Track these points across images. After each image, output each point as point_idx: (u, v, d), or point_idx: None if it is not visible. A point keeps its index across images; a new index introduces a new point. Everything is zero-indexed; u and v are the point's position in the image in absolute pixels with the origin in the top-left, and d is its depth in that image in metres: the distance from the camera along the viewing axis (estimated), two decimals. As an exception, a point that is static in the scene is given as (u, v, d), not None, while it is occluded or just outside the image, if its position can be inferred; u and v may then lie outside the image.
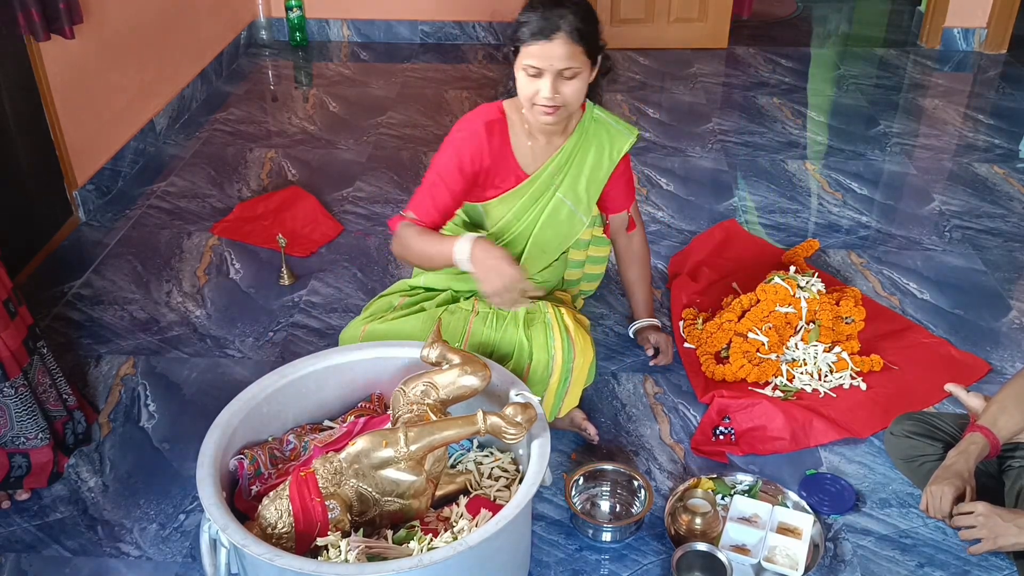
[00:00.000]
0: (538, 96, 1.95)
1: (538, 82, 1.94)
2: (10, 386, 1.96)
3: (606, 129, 2.19)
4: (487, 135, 2.06)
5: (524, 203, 2.15)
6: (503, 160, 2.10)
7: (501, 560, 1.70)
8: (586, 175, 2.17)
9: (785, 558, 1.89)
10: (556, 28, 1.90)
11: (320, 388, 1.96)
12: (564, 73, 1.94)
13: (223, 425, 1.76)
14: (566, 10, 1.91)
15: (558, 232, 2.21)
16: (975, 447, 1.84)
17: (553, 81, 1.93)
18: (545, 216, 2.17)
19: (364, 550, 1.58)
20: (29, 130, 2.89)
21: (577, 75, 1.96)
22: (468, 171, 2.06)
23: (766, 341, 2.43)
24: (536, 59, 1.92)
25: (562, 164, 2.15)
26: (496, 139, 2.08)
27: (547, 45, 1.90)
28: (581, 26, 1.92)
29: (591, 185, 2.19)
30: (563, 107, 1.98)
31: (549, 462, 1.70)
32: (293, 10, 4.85)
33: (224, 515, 1.55)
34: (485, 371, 1.78)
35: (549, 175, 2.14)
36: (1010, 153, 3.76)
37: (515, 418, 1.67)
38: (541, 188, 2.15)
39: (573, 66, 1.93)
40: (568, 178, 2.16)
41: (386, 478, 1.66)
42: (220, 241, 3.08)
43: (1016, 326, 2.68)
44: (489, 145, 2.07)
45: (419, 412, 1.74)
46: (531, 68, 1.93)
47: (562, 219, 2.19)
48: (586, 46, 1.94)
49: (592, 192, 2.20)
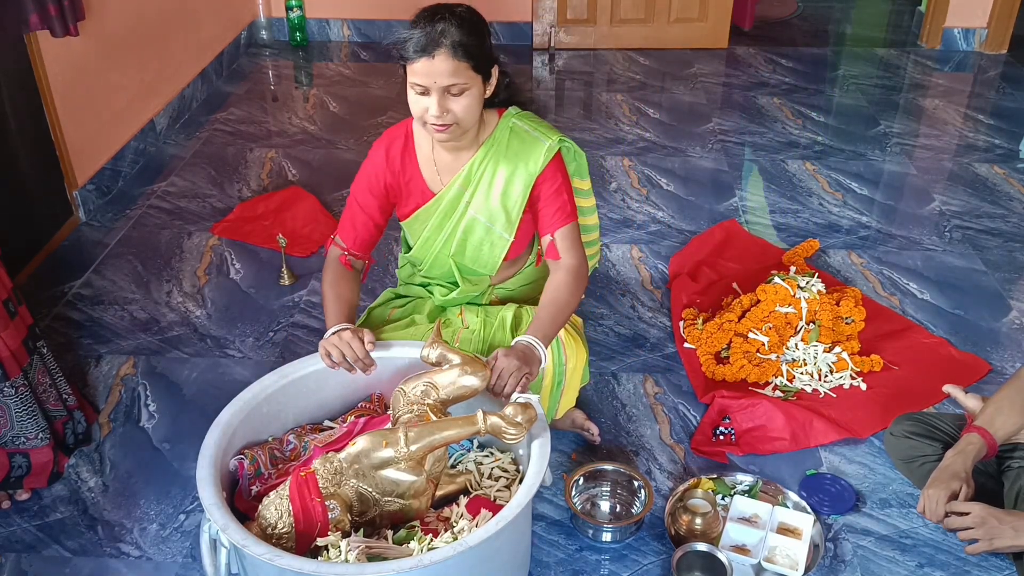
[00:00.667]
0: (427, 114, 1.84)
1: (425, 100, 1.83)
2: (10, 386, 1.96)
3: (521, 139, 1.99)
4: (385, 154, 2.02)
5: (436, 222, 2.05)
6: (410, 178, 2.03)
7: (501, 560, 1.70)
8: (499, 189, 1.99)
9: (785, 558, 1.89)
10: (437, 44, 1.78)
11: (320, 388, 1.96)
12: (451, 90, 1.81)
13: (223, 425, 1.76)
14: (447, 24, 1.79)
15: (478, 250, 2.06)
16: (972, 448, 1.84)
17: (440, 99, 1.82)
18: (459, 236, 2.05)
19: (364, 550, 1.58)
20: (29, 130, 2.89)
21: (465, 91, 1.83)
22: (376, 190, 2.03)
23: (766, 341, 2.43)
24: (420, 77, 1.81)
25: (469, 180, 2.00)
26: (399, 157, 2.02)
27: (429, 62, 1.79)
28: (465, 39, 1.79)
29: (507, 199, 1.99)
30: (455, 124, 1.86)
31: (549, 462, 1.70)
32: (293, 10, 4.85)
33: (224, 515, 1.55)
34: (485, 371, 1.78)
35: (457, 191, 2.01)
36: (1010, 153, 3.76)
37: (515, 418, 1.66)
38: (450, 206, 2.03)
39: (458, 82, 1.81)
40: (478, 194, 2.01)
41: (386, 478, 1.66)
42: (220, 241, 3.08)
43: (1016, 326, 2.68)
44: (388, 164, 2.02)
45: (419, 412, 1.74)
46: (417, 86, 1.82)
47: (478, 237, 2.05)
48: (471, 61, 1.81)
49: (511, 206, 2.00)
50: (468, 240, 2.06)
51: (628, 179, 3.53)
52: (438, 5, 1.87)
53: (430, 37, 1.79)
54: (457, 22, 1.81)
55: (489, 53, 1.88)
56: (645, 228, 3.19)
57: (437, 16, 1.82)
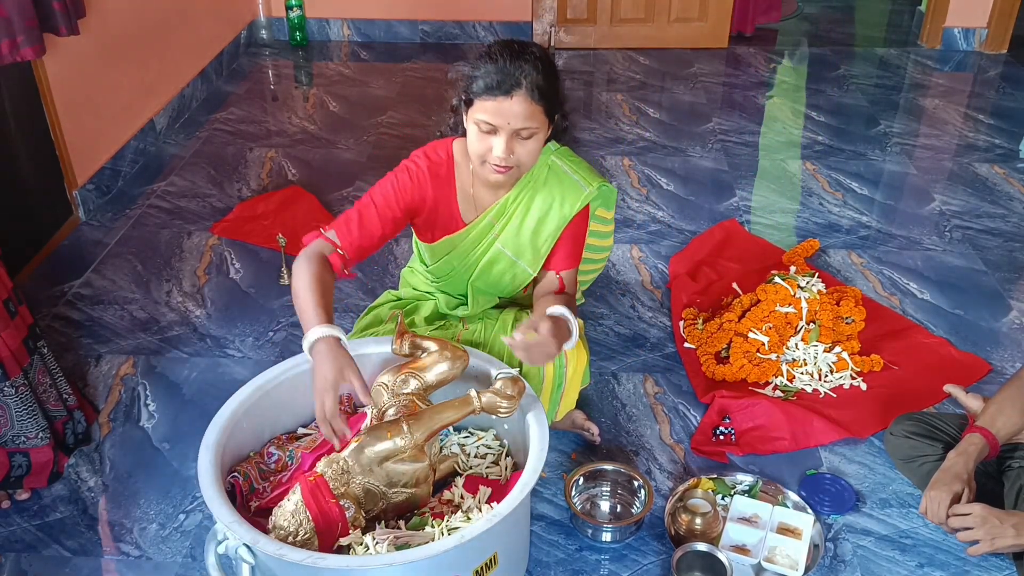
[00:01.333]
0: (490, 155, 1.78)
1: (491, 139, 1.77)
2: (10, 385, 1.96)
3: (559, 179, 1.95)
4: (431, 177, 1.93)
5: (461, 250, 2.01)
6: (445, 205, 1.96)
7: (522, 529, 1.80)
8: (530, 227, 1.96)
9: (785, 558, 1.89)
10: (516, 84, 1.72)
11: (292, 397, 1.95)
12: (521, 132, 1.76)
13: (213, 446, 1.72)
14: (528, 65, 1.73)
15: (499, 280, 2.05)
16: (974, 448, 1.84)
17: (508, 140, 1.76)
18: (482, 265, 2.02)
19: (393, 540, 1.59)
20: (29, 129, 2.89)
21: (534, 135, 1.78)
22: (406, 202, 1.91)
23: (766, 341, 2.43)
24: (491, 115, 1.74)
25: (500, 214, 1.96)
26: (440, 183, 1.94)
27: (505, 102, 1.72)
28: (543, 83, 1.75)
29: (537, 237, 1.97)
30: (516, 167, 1.82)
31: (549, 462, 1.71)
32: (293, 9, 4.85)
33: (251, 529, 1.54)
34: (464, 354, 1.84)
35: (487, 224, 1.97)
36: (1010, 153, 3.76)
37: (507, 391, 1.73)
38: (477, 238, 1.99)
39: (531, 126, 1.76)
40: (508, 229, 1.97)
41: (393, 469, 1.69)
42: (220, 241, 3.08)
43: (1016, 326, 2.67)
44: (433, 187, 1.93)
45: (405, 402, 1.77)
46: (485, 124, 1.75)
47: (501, 268, 2.02)
48: (546, 105, 1.77)
49: (540, 244, 1.98)
50: (491, 269, 2.03)
51: (628, 179, 3.53)
52: (513, 43, 1.79)
53: (511, 76, 1.72)
54: (537, 64, 1.75)
55: (562, 98, 1.84)
56: (645, 228, 3.19)
57: (516, 54, 1.75)
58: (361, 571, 1.51)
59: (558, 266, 2.00)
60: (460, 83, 1.82)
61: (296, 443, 1.92)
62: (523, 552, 1.87)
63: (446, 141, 1.97)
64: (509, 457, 1.93)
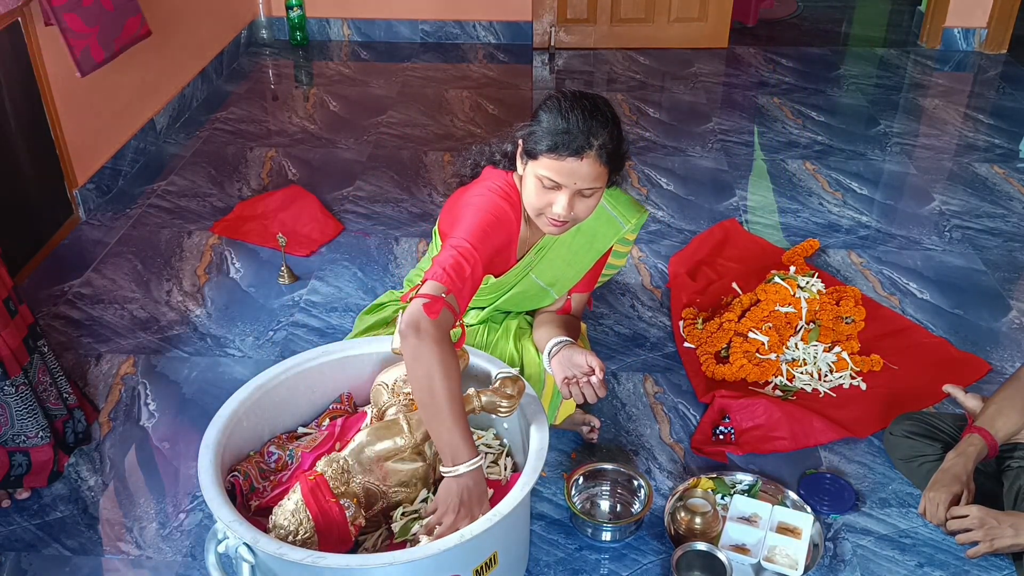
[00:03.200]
0: (550, 210, 1.76)
1: (553, 195, 1.75)
2: (10, 384, 1.96)
3: (597, 216, 1.95)
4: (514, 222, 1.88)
5: (499, 283, 2.02)
6: (507, 248, 1.95)
7: (522, 528, 1.82)
8: (566, 260, 2.00)
9: (785, 558, 1.89)
10: (588, 146, 1.69)
11: (292, 396, 1.96)
12: (584, 192, 1.74)
13: (213, 445, 1.73)
14: (601, 128, 1.70)
15: (527, 300, 2.08)
16: (973, 448, 1.84)
17: (571, 199, 1.74)
18: (514, 291, 2.04)
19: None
20: (30, 129, 2.89)
21: (595, 193, 1.77)
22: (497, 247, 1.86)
23: (766, 341, 2.43)
24: (557, 174, 1.71)
25: (541, 249, 1.98)
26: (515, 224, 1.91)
27: (574, 163, 1.69)
28: (612, 147, 1.72)
29: (570, 269, 2.02)
30: (573, 222, 1.82)
31: (548, 461, 1.71)
32: (294, 9, 4.85)
33: (252, 528, 1.55)
34: (463, 354, 1.85)
35: (527, 261, 1.99)
36: (1010, 153, 3.76)
37: (506, 391, 1.74)
38: (518, 271, 2.00)
39: (595, 186, 1.74)
40: (544, 261, 1.99)
41: (393, 468, 1.69)
42: (220, 240, 3.08)
43: (1016, 326, 2.68)
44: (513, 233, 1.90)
45: (405, 401, 1.77)
46: (549, 181, 1.73)
47: (532, 294, 2.05)
48: (612, 167, 1.75)
49: (572, 276, 2.03)
50: (521, 295, 2.06)
51: (628, 179, 3.52)
52: (584, 99, 1.74)
53: (583, 138, 1.68)
54: (607, 123, 1.72)
55: (625, 155, 1.81)
56: (645, 228, 3.19)
57: (589, 115, 1.71)
58: (361, 570, 1.51)
59: (576, 290, 2.08)
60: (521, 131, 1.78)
61: (296, 442, 1.92)
62: (523, 551, 1.87)
63: (510, 180, 1.89)
64: (509, 456, 1.93)
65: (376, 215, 3.26)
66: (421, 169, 3.58)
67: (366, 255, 3.01)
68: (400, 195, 3.39)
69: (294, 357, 1.96)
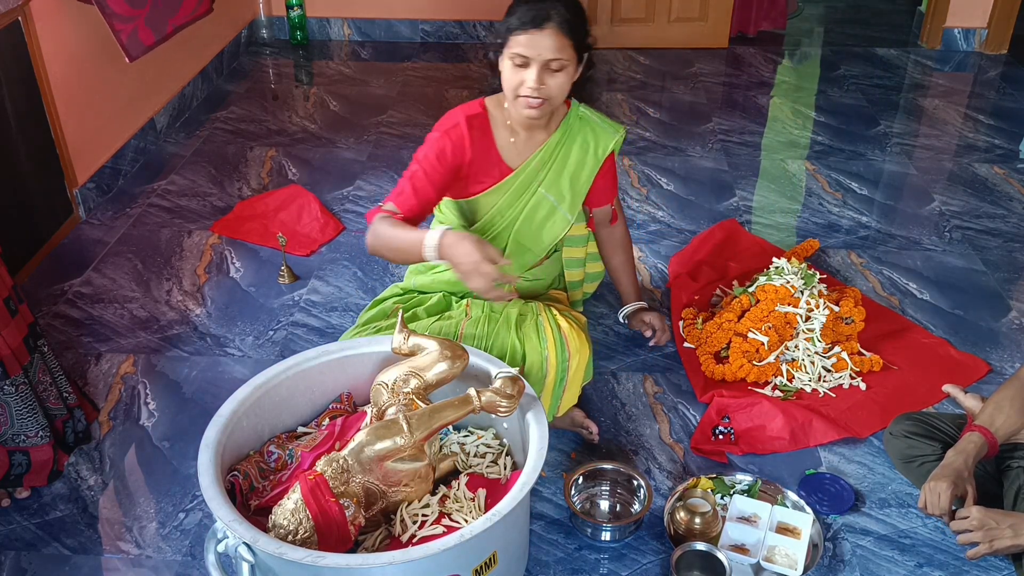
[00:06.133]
0: (523, 87, 1.94)
1: (524, 72, 1.94)
2: (10, 384, 1.96)
3: (591, 127, 2.17)
4: (468, 128, 2.05)
5: (508, 198, 2.14)
6: (486, 154, 2.10)
7: (522, 528, 1.83)
8: (570, 172, 2.17)
9: (784, 558, 1.89)
10: (547, 18, 1.89)
11: (292, 396, 1.96)
12: (551, 64, 1.93)
13: (213, 444, 1.73)
14: (557, 1, 1.92)
15: (540, 228, 2.20)
16: (973, 446, 1.84)
17: (539, 72, 1.93)
18: (526, 212, 2.16)
19: None
20: (30, 128, 2.89)
21: (564, 68, 1.95)
22: (449, 162, 2.05)
23: (766, 341, 2.43)
24: (524, 48, 1.91)
25: (546, 159, 2.14)
26: (477, 133, 2.07)
27: (537, 35, 1.90)
28: (571, 18, 1.92)
29: (575, 182, 2.18)
30: (547, 101, 1.97)
31: (548, 461, 1.71)
32: (294, 8, 4.85)
33: (251, 528, 1.55)
34: (464, 354, 1.85)
35: (533, 169, 2.13)
36: (1010, 153, 3.76)
37: (506, 391, 1.75)
38: (525, 183, 2.14)
39: (561, 58, 1.92)
40: (551, 174, 2.15)
41: (393, 468, 1.69)
42: (220, 240, 3.08)
43: (1016, 326, 2.68)
44: (471, 138, 2.06)
45: (405, 401, 1.78)
46: (518, 57, 1.92)
47: (543, 215, 2.18)
48: (575, 39, 1.94)
49: (577, 189, 2.19)
50: (534, 217, 2.17)
51: (628, 178, 3.53)
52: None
53: (541, 10, 1.89)
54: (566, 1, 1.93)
55: (589, 36, 2.00)
56: (645, 228, 3.19)
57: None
58: (361, 570, 1.51)
59: (609, 198, 2.33)
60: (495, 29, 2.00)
61: (296, 442, 1.92)
62: (523, 551, 1.87)
63: (478, 100, 2.11)
64: (508, 456, 1.93)
65: (376, 215, 3.25)
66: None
67: (366, 255, 3.01)
68: (400, 195, 3.39)
69: (294, 357, 1.96)
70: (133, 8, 2.53)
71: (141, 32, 2.55)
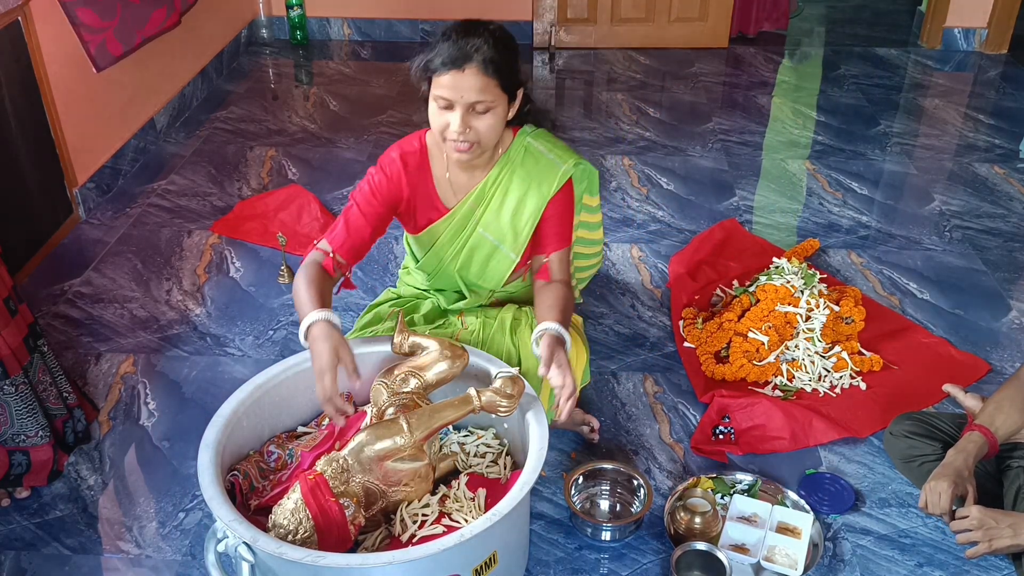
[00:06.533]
0: (448, 130, 1.81)
1: (448, 115, 1.80)
2: (10, 384, 1.96)
3: (536, 160, 1.97)
4: (403, 165, 1.97)
5: (446, 238, 2.03)
6: (424, 192, 2.00)
7: (522, 528, 1.83)
8: (510, 209, 1.98)
9: (784, 557, 1.89)
10: (468, 58, 1.75)
11: (292, 396, 1.95)
12: (476, 107, 1.79)
13: (213, 444, 1.73)
14: (480, 40, 1.76)
15: (483, 267, 2.07)
16: (973, 446, 1.84)
17: (464, 115, 1.79)
18: (466, 251, 2.04)
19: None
20: (30, 128, 2.89)
21: (491, 110, 1.81)
22: (385, 198, 1.96)
23: (766, 341, 2.43)
24: (446, 90, 1.77)
25: (481, 198, 1.99)
26: (414, 170, 1.97)
27: (458, 76, 1.76)
28: (496, 57, 1.77)
29: (517, 219, 1.98)
30: (476, 144, 1.84)
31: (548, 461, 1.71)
32: (294, 8, 4.85)
33: (251, 528, 1.55)
34: (463, 353, 1.85)
35: (468, 208, 2.00)
36: (1010, 153, 3.76)
37: (506, 390, 1.74)
38: (461, 222, 2.01)
39: (485, 99, 1.78)
40: (488, 213, 1.99)
41: (392, 468, 1.69)
42: (220, 239, 3.08)
43: (1016, 326, 2.68)
44: (407, 175, 1.97)
45: (404, 401, 1.77)
46: (441, 100, 1.79)
47: (484, 254, 2.04)
48: (500, 79, 1.79)
49: (518, 228, 1.99)
50: (474, 256, 2.05)
51: (628, 178, 3.53)
52: (470, 21, 1.82)
53: (462, 50, 1.75)
54: (490, 39, 1.78)
55: (518, 73, 1.86)
56: (645, 227, 3.19)
57: (470, 31, 1.78)
58: (360, 570, 1.51)
59: (547, 248, 2.01)
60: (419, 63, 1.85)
61: (296, 442, 1.92)
62: (523, 551, 1.87)
63: (419, 132, 2.02)
64: (509, 456, 1.93)
65: (376, 214, 3.25)
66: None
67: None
68: (400, 195, 3.39)
69: (294, 357, 1.96)
70: (103, 20, 2.54)
71: (110, 44, 2.56)
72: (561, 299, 1.94)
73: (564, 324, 1.87)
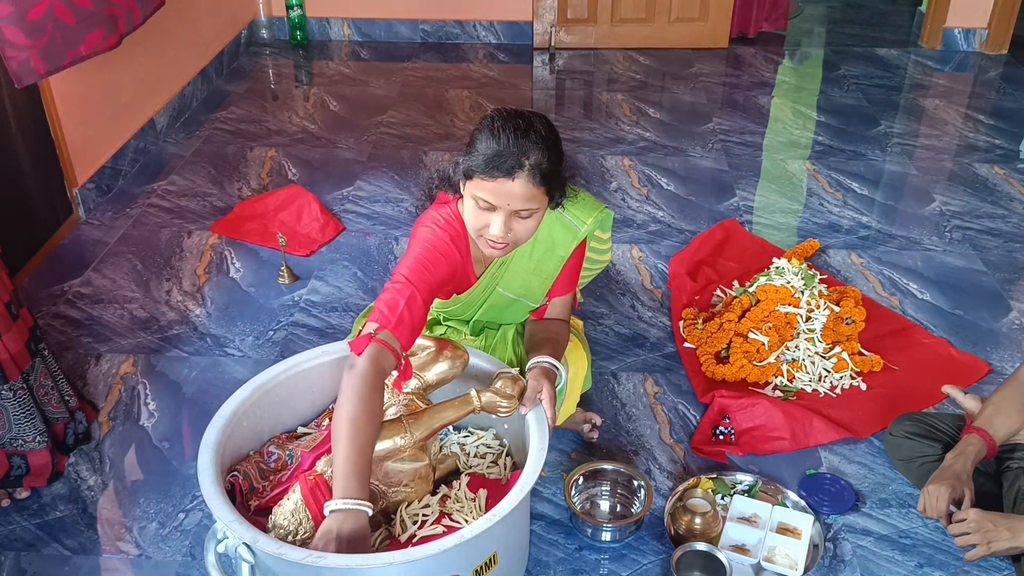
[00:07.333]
0: (487, 231, 1.72)
1: (489, 216, 1.71)
2: (8, 388, 1.95)
3: (554, 221, 1.90)
4: (455, 244, 1.84)
5: (469, 299, 1.99)
6: (463, 271, 1.92)
7: (522, 528, 1.83)
8: (529, 269, 1.94)
9: (785, 558, 1.89)
10: (519, 166, 1.64)
11: (291, 396, 1.95)
12: (520, 213, 1.70)
13: (213, 445, 1.72)
14: (532, 145, 1.65)
15: (501, 313, 2.05)
16: (972, 448, 1.84)
17: (506, 220, 1.70)
18: (486, 305, 2.01)
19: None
20: (30, 128, 2.89)
21: (533, 214, 1.73)
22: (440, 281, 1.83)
23: (766, 341, 2.43)
24: (490, 195, 1.67)
25: (502, 263, 1.94)
26: (461, 255, 1.88)
27: (505, 183, 1.65)
28: (546, 165, 1.67)
29: (535, 278, 1.95)
30: (513, 244, 1.78)
31: (548, 462, 1.71)
32: (294, 9, 4.85)
33: (251, 528, 1.55)
34: (464, 354, 1.85)
35: (490, 276, 1.95)
36: (1010, 153, 3.76)
37: (506, 391, 1.75)
38: (483, 287, 1.97)
39: (531, 207, 1.70)
40: (508, 275, 1.95)
41: (393, 468, 1.69)
42: (220, 240, 3.08)
43: (1016, 326, 2.68)
44: (459, 254, 1.87)
45: (405, 401, 1.78)
46: (483, 202, 1.69)
47: (504, 305, 2.01)
48: (548, 186, 1.70)
49: (538, 283, 1.97)
50: (494, 308, 2.03)
51: (628, 178, 3.53)
52: (518, 117, 1.70)
53: (513, 158, 1.64)
54: (540, 142, 1.66)
55: (564, 176, 1.77)
56: (645, 228, 3.19)
57: (519, 130, 1.66)
58: (361, 570, 1.51)
59: (553, 294, 2.01)
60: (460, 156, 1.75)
61: (296, 442, 1.92)
62: (523, 552, 1.87)
63: (453, 207, 1.86)
64: (509, 456, 1.93)
65: (376, 215, 3.26)
66: (421, 169, 3.57)
67: (366, 255, 3.01)
68: (400, 195, 3.39)
69: (294, 357, 1.96)
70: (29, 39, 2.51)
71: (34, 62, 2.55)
72: (554, 333, 1.96)
73: (556, 358, 1.88)
